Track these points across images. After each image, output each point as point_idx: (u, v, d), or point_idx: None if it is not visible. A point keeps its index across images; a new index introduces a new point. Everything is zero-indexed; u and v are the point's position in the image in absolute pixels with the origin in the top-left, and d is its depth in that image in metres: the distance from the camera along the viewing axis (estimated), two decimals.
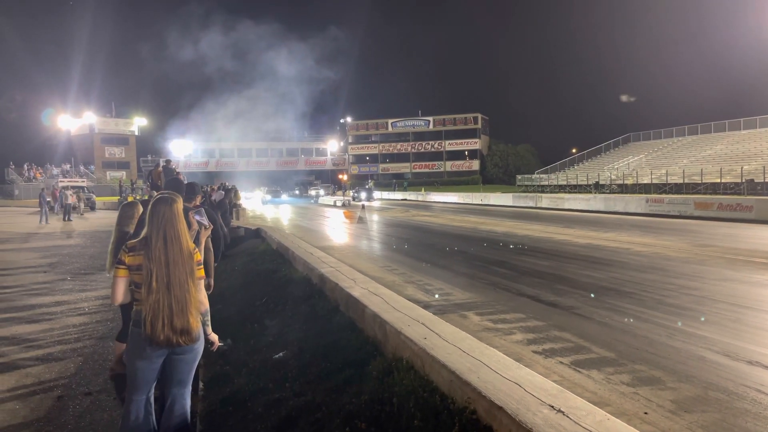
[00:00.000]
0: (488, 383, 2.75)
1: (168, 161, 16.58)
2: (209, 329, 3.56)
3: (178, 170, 15.23)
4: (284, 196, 59.41)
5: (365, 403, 3.47)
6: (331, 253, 11.15)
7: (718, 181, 37.35)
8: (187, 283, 3.12)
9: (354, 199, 48.68)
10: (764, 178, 34.48)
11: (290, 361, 4.82)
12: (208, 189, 16.41)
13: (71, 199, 30.89)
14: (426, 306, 6.72)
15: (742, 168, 37.79)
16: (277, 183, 74.07)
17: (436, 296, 8.28)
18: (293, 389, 4.20)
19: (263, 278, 8.93)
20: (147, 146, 73.61)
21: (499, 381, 2.77)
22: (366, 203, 41.97)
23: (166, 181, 6.56)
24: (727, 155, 44.49)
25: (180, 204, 3.27)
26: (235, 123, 47.04)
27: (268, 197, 53.38)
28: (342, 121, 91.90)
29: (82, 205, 23.42)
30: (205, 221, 4.58)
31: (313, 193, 60.04)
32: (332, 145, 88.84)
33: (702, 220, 22.12)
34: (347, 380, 4.04)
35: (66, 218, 28.31)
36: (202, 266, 3.32)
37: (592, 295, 8.05)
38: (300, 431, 3.56)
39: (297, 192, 64.63)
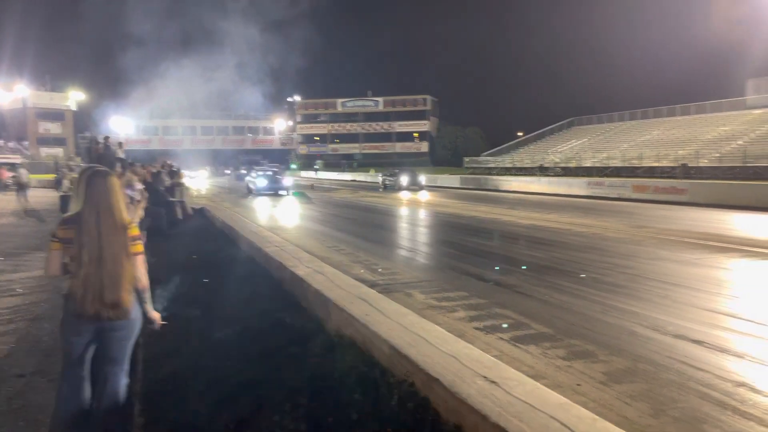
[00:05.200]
0: (427, 357, 2.81)
1: (107, 138, 15.95)
2: (149, 307, 3.47)
3: (118, 147, 14.72)
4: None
5: (307, 379, 3.50)
6: (278, 232, 11.07)
7: (655, 165, 38.84)
8: (121, 258, 3.06)
9: (385, 185, 37.27)
10: (697, 162, 36.11)
11: (233, 340, 4.78)
12: (151, 167, 15.92)
13: (3, 176, 29.41)
14: (372, 285, 6.77)
15: (677, 153, 39.43)
16: (223, 162, 72.56)
17: (382, 275, 8.34)
18: (235, 367, 4.17)
19: (206, 258, 8.78)
20: (85, 122, 70.62)
21: (438, 354, 2.84)
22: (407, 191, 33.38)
23: (98, 155, 6.35)
24: (664, 140, 46.28)
25: (114, 178, 3.18)
26: (178, 99, 45.52)
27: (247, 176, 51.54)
28: (290, 99, 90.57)
29: (24, 179, 22.28)
30: (137, 195, 4.46)
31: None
32: (280, 124, 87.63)
33: (639, 203, 23.00)
34: (290, 357, 4.05)
35: None
36: (139, 241, 3.25)
37: (522, 266, 8.29)
38: (241, 408, 3.55)
39: (243, 171, 63.44)
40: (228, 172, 69.86)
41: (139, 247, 3.23)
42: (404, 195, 29.60)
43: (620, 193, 26.00)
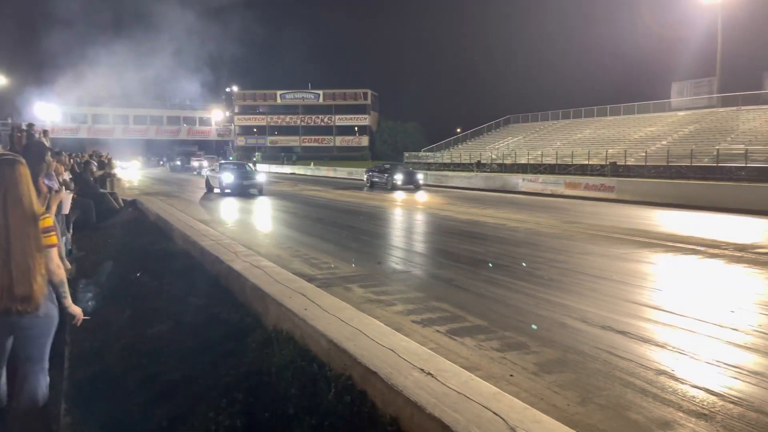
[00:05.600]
0: (364, 350, 2.83)
1: (31, 125, 15.12)
2: (68, 301, 3.32)
3: (42, 135, 13.96)
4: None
5: (244, 374, 3.46)
6: (215, 226, 10.84)
7: (587, 163, 40.31)
8: (30, 250, 2.92)
9: (372, 183, 31.76)
10: (626, 161, 37.76)
11: (167, 336, 4.66)
12: (78, 157, 15.25)
13: None
14: (310, 279, 6.74)
15: (607, 151, 41.10)
16: (157, 153, 70.28)
17: (322, 270, 8.31)
18: (169, 364, 4.08)
19: (139, 252, 8.50)
20: (7, 108, 66.68)
21: (375, 348, 2.87)
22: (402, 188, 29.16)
23: (26, 145, 6.04)
24: (595, 139, 48.11)
25: (24, 166, 3.03)
26: (109, 85, 43.58)
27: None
28: (228, 90, 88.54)
29: None
30: (55, 185, 4.26)
31: (195, 164, 57.67)
32: (217, 115, 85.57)
33: (571, 199, 23.83)
34: (226, 353, 3.99)
35: None
36: (53, 233, 3.10)
37: (458, 261, 8.46)
38: (175, 405, 3.47)
39: (179, 163, 61.63)
40: (162, 163, 67.91)
41: (53, 239, 3.09)
42: (399, 195, 25.29)
43: (553, 190, 26.85)
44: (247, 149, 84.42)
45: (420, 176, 30.82)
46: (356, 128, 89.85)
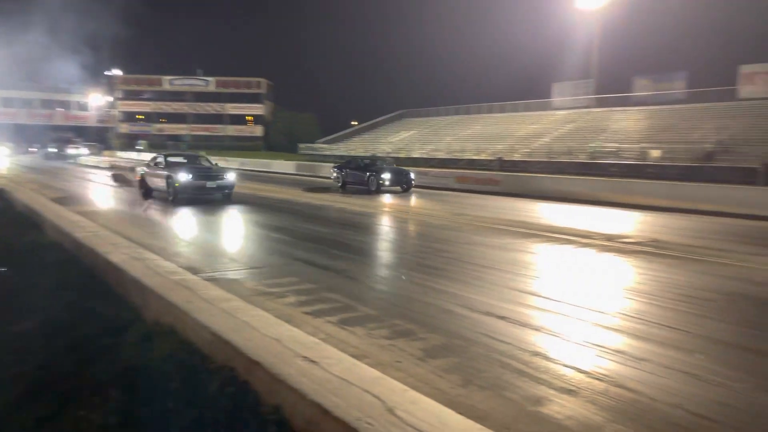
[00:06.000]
0: (249, 341, 2.78)
1: None
2: None
3: None
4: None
5: (120, 370, 3.28)
6: (91, 217, 10.15)
7: (476, 157, 42.05)
8: None
9: (344, 184, 24.15)
10: (512, 156, 39.77)
11: (34, 333, 4.32)
12: None
13: None
14: (197, 272, 6.52)
15: (495, 147, 43.09)
16: (29, 138, 64.78)
17: (210, 262, 8.06)
18: (37, 362, 3.78)
19: (3, 245, 7.80)
20: None
21: (260, 338, 2.83)
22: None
23: None
24: (484, 135, 50.25)
25: None
26: None
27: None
28: (108, 73, 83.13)
29: None
30: None
31: (72, 152, 53.71)
32: (97, 99, 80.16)
33: (461, 192, 24.68)
34: (102, 349, 3.76)
35: None
36: None
37: (354, 254, 8.54)
38: (43, 406, 3.23)
39: (53, 150, 57.04)
40: (34, 149, 62.57)
41: None
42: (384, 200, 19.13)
43: (444, 183, 27.70)
44: (130, 137, 79.86)
45: (412, 175, 23.89)
46: (249, 117, 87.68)
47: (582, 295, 6.69)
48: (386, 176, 22.72)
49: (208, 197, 16.38)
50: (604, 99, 49.14)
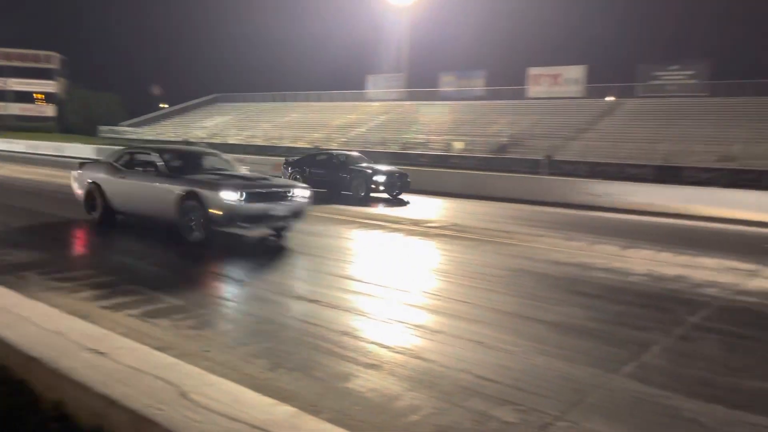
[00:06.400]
0: (26, 337, 2.52)
1: None
2: None
3: None
4: None
5: None
6: None
7: (293, 145, 42.04)
8: None
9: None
10: (329, 145, 40.42)
11: None
12: None
13: None
14: None
15: (312, 135, 43.48)
16: None
17: None
18: None
19: None
20: None
21: (40, 334, 2.58)
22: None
23: None
24: (302, 123, 50.43)
25: None
26: None
27: None
28: None
29: None
30: None
31: None
32: None
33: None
34: None
35: None
36: None
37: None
38: None
39: None
40: None
41: None
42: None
43: (262, 171, 27.29)
44: None
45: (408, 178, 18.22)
46: (39, 95, 77.90)
47: (389, 277, 7.08)
48: (380, 179, 17.02)
49: (271, 227, 9.24)
50: (415, 92, 52.14)
